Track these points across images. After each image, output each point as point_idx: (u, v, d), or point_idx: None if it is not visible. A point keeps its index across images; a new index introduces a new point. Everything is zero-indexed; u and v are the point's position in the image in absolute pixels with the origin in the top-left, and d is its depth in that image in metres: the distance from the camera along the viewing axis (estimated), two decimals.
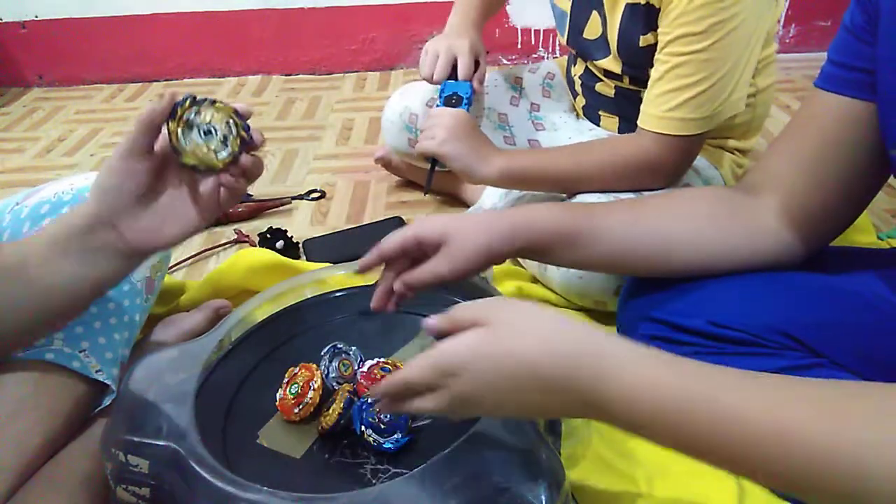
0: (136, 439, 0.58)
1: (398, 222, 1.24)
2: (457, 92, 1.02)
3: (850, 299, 0.64)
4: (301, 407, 0.66)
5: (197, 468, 0.54)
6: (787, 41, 2.11)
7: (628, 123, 1.00)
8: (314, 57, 2.13)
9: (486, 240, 0.63)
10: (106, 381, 0.73)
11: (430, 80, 1.05)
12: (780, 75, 1.96)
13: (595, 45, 1.00)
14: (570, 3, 1.02)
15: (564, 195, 0.97)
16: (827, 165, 0.62)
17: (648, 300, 0.70)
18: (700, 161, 0.99)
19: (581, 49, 1.05)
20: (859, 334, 0.62)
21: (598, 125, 1.11)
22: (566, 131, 1.14)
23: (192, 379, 0.65)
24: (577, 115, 1.18)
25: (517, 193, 1.07)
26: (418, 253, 0.63)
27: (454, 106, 1.00)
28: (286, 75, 2.14)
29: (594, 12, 0.98)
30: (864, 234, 1.10)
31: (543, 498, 0.50)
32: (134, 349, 0.81)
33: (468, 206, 1.25)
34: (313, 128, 1.75)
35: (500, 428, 0.55)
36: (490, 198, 1.12)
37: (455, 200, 1.31)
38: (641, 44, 0.90)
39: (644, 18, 0.87)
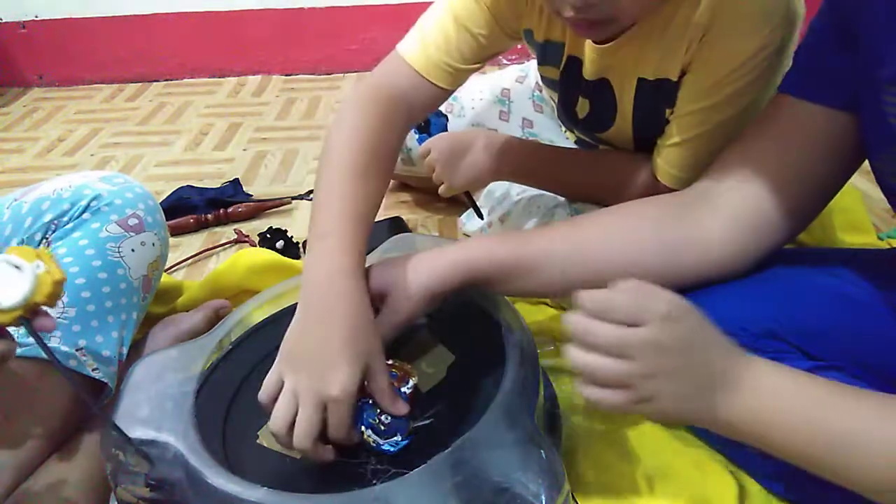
0: (135, 439, 0.58)
1: (398, 222, 1.24)
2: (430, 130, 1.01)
3: (849, 303, 0.63)
4: None
5: (197, 468, 0.54)
6: None
7: None
8: (314, 57, 2.13)
9: (426, 282, 0.63)
10: (103, 380, 0.73)
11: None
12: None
13: (587, 123, 0.91)
14: (557, 73, 0.89)
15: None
16: (788, 169, 0.62)
17: None
18: None
19: (573, 126, 0.97)
20: (857, 339, 0.62)
21: None
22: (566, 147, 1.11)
23: (192, 379, 0.65)
24: None
25: (514, 197, 1.06)
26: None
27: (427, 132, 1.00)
28: (286, 75, 2.14)
29: (580, 97, 0.88)
30: (864, 234, 1.10)
31: (543, 498, 0.50)
32: (132, 349, 0.81)
33: (466, 207, 1.24)
34: (313, 128, 1.75)
35: (500, 428, 0.55)
36: (487, 198, 1.12)
37: (452, 199, 1.31)
38: (668, 116, 0.81)
39: (672, 92, 0.79)
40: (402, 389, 0.65)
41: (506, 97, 1.16)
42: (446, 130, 1.00)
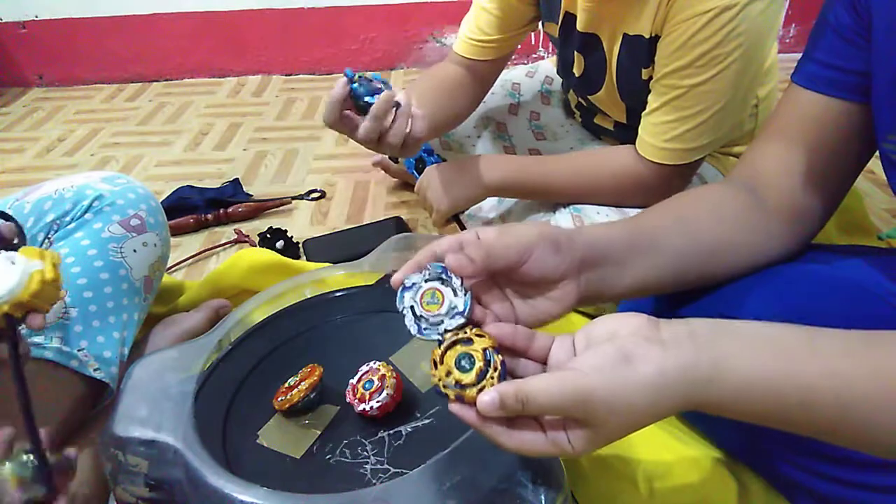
0: (135, 439, 0.58)
1: (398, 222, 1.24)
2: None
3: (861, 295, 0.63)
4: (288, 396, 0.65)
5: (197, 468, 0.54)
6: (787, 41, 2.11)
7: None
8: (314, 57, 2.14)
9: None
10: (105, 380, 0.73)
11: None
12: (781, 75, 1.95)
13: (582, 82, 0.97)
14: (557, 30, 0.96)
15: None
16: (814, 166, 0.62)
17: (656, 297, 0.70)
18: (707, 169, 0.99)
19: (571, 84, 1.02)
20: (860, 322, 0.62)
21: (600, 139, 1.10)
22: (568, 140, 1.13)
23: (191, 379, 0.65)
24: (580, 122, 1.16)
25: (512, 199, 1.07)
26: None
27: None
28: (286, 75, 2.14)
29: (575, 52, 0.94)
30: (864, 234, 1.10)
31: (543, 498, 0.50)
32: (133, 349, 0.81)
33: None
34: (313, 128, 1.75)
35: None
36: (487, 200, 1.12)
37: None
38: (644, 76, 0.86)
39: (648, 51, 0.84)
40: (372, 404, 0.63)
41: (516, 91, 1.18)
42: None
